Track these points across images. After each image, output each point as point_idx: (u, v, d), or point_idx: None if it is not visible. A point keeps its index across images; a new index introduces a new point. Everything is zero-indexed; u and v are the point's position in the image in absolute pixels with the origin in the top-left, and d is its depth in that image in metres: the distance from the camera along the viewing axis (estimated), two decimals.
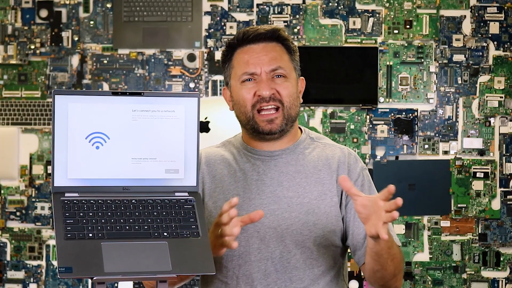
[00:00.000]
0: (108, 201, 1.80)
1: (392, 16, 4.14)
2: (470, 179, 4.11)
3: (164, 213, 1.80)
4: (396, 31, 4.14)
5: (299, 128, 2.16)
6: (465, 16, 4.13)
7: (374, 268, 1.96)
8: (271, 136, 2.06)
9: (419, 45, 4.13)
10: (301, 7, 4.17)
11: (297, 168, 2.07)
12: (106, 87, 4.22)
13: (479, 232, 4.12)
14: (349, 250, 2.12)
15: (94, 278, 1.66)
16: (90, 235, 1.72)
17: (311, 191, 2.05)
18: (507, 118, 4.12)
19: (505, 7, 4.12)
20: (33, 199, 4.25)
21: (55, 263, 4.21)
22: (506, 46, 4.12)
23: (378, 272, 1.96)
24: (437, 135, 4.14)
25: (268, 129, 2.04)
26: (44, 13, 4.23)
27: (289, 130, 2.07)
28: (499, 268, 4.12)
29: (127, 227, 1.75)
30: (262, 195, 2.05)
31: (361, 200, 1.79)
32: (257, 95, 2.03)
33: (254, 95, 2.03)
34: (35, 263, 4.24)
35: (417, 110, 4.14)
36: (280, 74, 2.04)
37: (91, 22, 4.22)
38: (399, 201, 1.73)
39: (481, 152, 4.12)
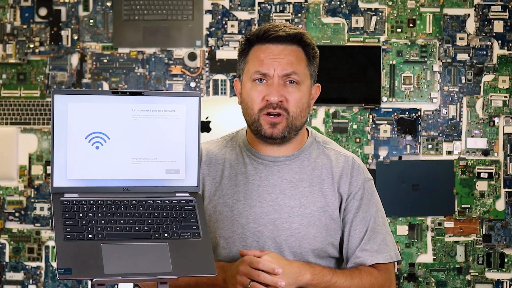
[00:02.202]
0: (108, 202, 1.79)
1: (395, 15, 4.13)
2: (474, 180, 4.10)
3: (164, 214, 1.79)
4: (399, 30, 4.12)
5: (306, 129, 2.12)
6: (469, 14, 4.11)
7: None
8: (272, 141, 2.02)
9: (423, 44, 4.12)
10: (303, 5, 4.15)
11: (300, 176, 2.04)
12: (106, 86, 4.20)
13: (483, 233, 4.11)
14: None
15: (94, 279, 1.66)
16: (90, 236, 1.71)
17: (314, 201, 2.02)
18: (511, 118, 4.10)
19: (510, 6, 4.12)
20: (32, 200, 4.23)
21: (54, 264, 4.19)
22: (510, 45, 4.12)
23: None
24: (440, 135, 4.12)
25: (270, 133, 1.99)
26: (43, 11, 4.21)
27: (292, 137, 2.03)
28: (504, 270, 4.11)
29: (127, 228, 1.75)
30: (263, 203, 2.02)
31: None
32: (265, 100, 1.98)
33: (262, 99, 1.98)
34: (34, 264, 4.23)
35: (420, 110, 4.13)
36: (293, 80, 1.99)
37: (91, 21, 4.21)
38: None
39: (485, 152, 4.10)
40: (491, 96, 4.11)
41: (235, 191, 2.04)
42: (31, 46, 4.21)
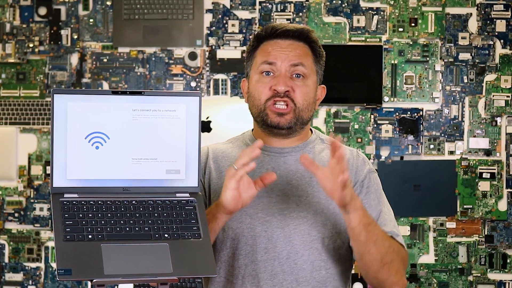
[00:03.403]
0: (108, 202, 1.78)
1: (397, 14, 4.11)
2: (476, 180, 4.09)
3: (165, 214, 1.78)
4: (401, 29, 4.11)
5: (310, 129, 2.15)
6: (471, 13, 4.10)
7: (359, 252, 1.94)
8: (278, 130, 2.03)
9: (425, 43, 4.10)
10: (304, 4, 4.13)
11: None
12: (106, 86, 4.19)
13: (486, 233, 4.10)
14: None
15: (94, 280, 1.65)
16: (90, 236, 1.70)
17: (320, 190, 2.02)
18: None
19: None
20: (32, 200, 4.22)
21: (54, 265, 4.18)
22: None
23: (363, 257, 1.93)
24: (442, 135, 4.11)
25: (277, 122, 2.01)
26: (43, 10, 4.20)
27: (298, 130, 2.06)
28: (506, 270, 4.10)
29: (127, 229, 1.74)
30: (271, 193, 2.03)
31: (321, 173, 1.84)
32: (272, 89, 2.01)
33: (269, 89, 2.01)
34: (33, 265, 4.22)
35: (422, 110, 4.11)
36: (300, 74, 2.02)
37: (91, 20, 4.20)
38: (337, 143, 1.82)
39: (488, 152, 4.09)
40: (493, 96, 4.09)
41: None
42: (31, 45, 4.20)
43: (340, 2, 4.13)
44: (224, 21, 4.17)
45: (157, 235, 1.73)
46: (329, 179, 1.82)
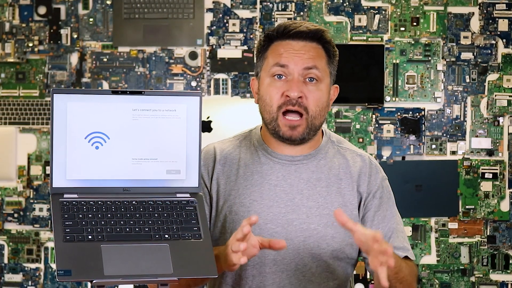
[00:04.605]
0: (108, 203, 1.78)
1: (398, 13, 4.10)
2: (479, 180, 4.08)
3: (165, 215, 1.78)
4: (402, 29, 4.10)
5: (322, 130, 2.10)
6: (473, 13, 4.10)
7: None
8: (291, 142, 1.99)
9: (426, 42, 4.10)
10: (305, 3, 4.13)
11: (318, 175, 2.01)
12: (106, 85, 4.19)
13: (488, 234, 4.09)
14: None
15: (94, 281, 1.64)
16: (90, 237, 1.70)
17: (332, 201, 2.00)
18: None
19: None
20: (31, 201, 4.22)
21: (53, 266, 4.17)
22: None
23: None
24: (444, 135, 4.10)
25: (289, 135, 1.96)
26: (42, 10, 4.20)
27: (311, 138, 2.00)
28: (508, 271, 4.10)
29: (128, 229, 1.73)
30: (281, 203, 1.99)
31: (358, 235, 1.70)
32: (285, 95, 1.95)
33: (282, 95, 1.96)
34: (33, 266, 4.21)
35: (424, 109, 4.11)
36: (313, 77, 1.96)
37: (91, 19, 4.19)
38: (389, 250, 1.66)
39: (490, 152, 4.08)
40: (495, 96, 4.09)
41: (251, 191, 2.00)
42: (30, 45, 4.19)
43: (341, 1, 4.12)
44: (225, 20, 4.16)
45: (157, 236, 1.73)
46: (366, 244, 1.70)
